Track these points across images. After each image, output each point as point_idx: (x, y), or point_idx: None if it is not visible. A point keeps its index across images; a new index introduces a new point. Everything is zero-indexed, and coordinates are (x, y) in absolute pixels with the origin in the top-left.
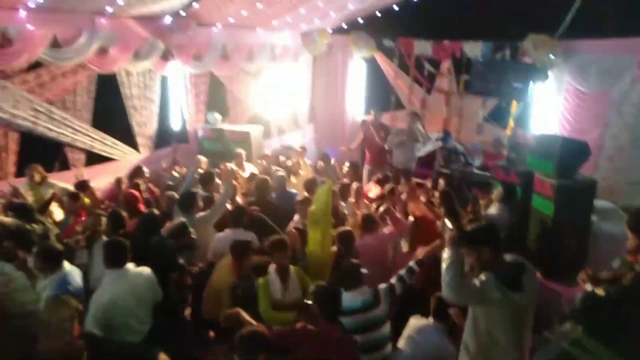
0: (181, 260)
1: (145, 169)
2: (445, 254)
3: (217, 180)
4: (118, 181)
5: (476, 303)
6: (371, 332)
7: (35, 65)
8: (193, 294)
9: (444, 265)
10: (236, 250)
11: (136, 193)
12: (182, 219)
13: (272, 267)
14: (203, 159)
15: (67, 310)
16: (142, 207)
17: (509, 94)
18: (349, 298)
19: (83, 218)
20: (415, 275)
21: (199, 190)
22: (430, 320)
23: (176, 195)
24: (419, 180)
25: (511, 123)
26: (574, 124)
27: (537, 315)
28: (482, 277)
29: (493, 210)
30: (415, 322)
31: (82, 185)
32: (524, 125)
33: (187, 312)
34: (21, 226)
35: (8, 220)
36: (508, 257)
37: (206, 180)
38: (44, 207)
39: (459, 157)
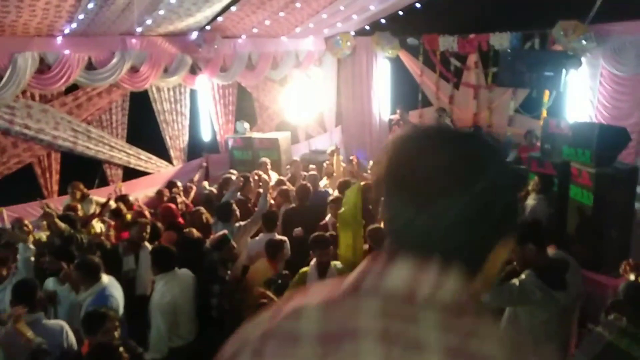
0: (223, 273)
1: (179, 183)
2: None
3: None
4: (159, 193)
5: (516, 305)
6: None
7: (73, 88)
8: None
9: None
10: (270, 249)
11: (173, 207)
12: (225, 230)
13: (312, 262)
14: (234, 174)
15: (108, 322)
16: (180, 220)
17: (541, 84)
18: None
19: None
20: None
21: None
22: None
23: (203, 210)
24: None
25: (544, 113)
26: (611, 110)
27: (582, 308)
28: (523, 276)
29: (530, 201)
30: None
31: (123, 200)
32: (557, 115)
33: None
34: (72, 234)
35: (63, 225)
36: (551, 252)
37: (242, 184)
38: (86, 222)
39: None
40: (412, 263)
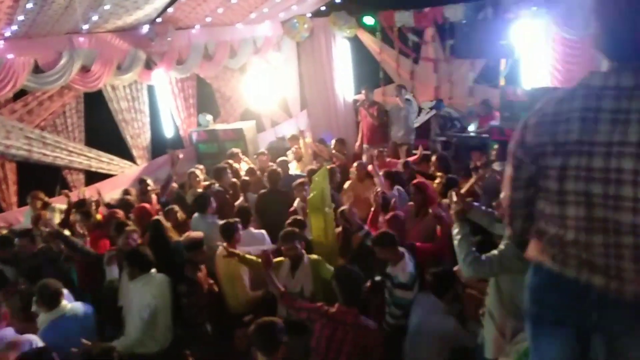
0: (191, 273)
1: (149, 180)
2: (454, 230)
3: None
4: (126, 192)
5: (497, 275)
6: None
7: (21, 93)
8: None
9: (455, 243)
10: (225, 232)
11: (148, 207)
12: (201, 233)
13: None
14: (198, 173)
15: None
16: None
17: (495, 52)
18: None
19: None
20: None
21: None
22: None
23: (177, 209)
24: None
25: (502, 81)
26: (565, 74)
27: None
28: (502, 246)
29: (496, 167)
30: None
31: (82, 204)
32: (515, 82)
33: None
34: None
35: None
36: None
37: (219, 174)
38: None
39: (454, 124)
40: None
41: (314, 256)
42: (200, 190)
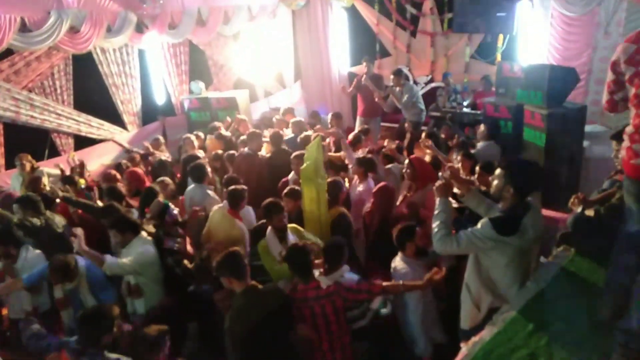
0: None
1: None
2: (436, 204)
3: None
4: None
5: (469, 252)
6: None
7: (7, 53)
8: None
9: (433, 217)
10: (232, 199)
11: (140, 172)
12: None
13: (269, 230)
14: (194, 139)
15: None
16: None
17: (494, 26)
18: None
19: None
20: None
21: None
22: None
23: (168, 181)
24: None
25: (498, 57)
26: (562, 51)
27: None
28: (479, 225)
29: (480, 145)
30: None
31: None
32: (512, 58)
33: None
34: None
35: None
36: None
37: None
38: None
39: (456, 97)
40: None
41: (292, 225)
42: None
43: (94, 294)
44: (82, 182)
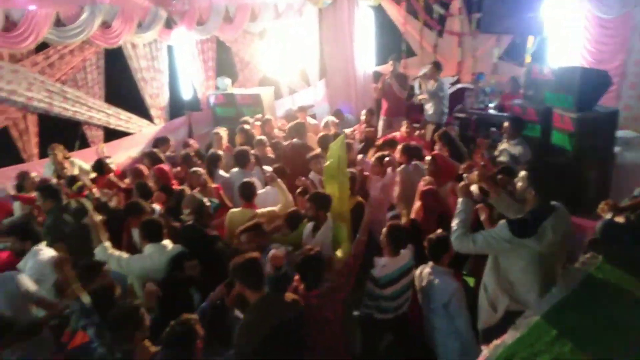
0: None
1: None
2: (458, 203)
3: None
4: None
5: (486, 252)
6: None
7: (43, 46)
8: None
9: (455, 214)
10: (244, 192)
11: (167, 169)
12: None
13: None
14: (223, 133)
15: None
16: (173, 183)
17: (523, 28)
18: None
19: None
20: None
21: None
22: (430, 263)
23: (201, 172)
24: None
25: (528, 59)
26: (595, 54)
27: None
28: (497, 227)
29: (505, 145)
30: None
31: (101, 164)
32: (541, 61)
33: None
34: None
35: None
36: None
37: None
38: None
39: (484, 99)
40: None
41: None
42: (221, 151)
43: None
44: (78, 184)
